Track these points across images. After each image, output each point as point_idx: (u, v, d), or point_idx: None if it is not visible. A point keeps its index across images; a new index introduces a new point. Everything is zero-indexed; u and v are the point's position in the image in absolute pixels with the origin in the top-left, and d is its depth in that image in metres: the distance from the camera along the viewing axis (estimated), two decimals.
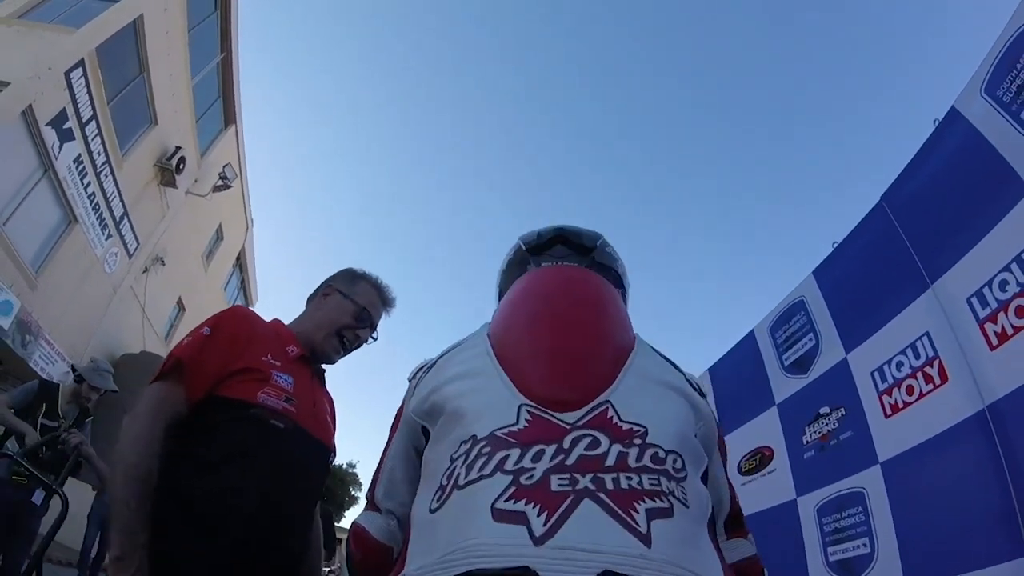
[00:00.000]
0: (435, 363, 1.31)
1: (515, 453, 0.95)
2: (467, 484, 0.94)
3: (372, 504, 1.34)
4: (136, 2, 13.62)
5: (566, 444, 0.96)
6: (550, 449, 0.95)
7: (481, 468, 0.95)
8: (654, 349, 1.30)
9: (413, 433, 1.27)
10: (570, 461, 0.92)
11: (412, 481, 1.24)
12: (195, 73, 17.09)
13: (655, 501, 0.89)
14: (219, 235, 22.01)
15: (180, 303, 20.15)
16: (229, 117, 20.32)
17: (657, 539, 0.84)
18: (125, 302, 15.94)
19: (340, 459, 39.16)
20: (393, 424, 1.37)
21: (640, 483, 0.90)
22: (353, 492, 38.88)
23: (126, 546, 1.50)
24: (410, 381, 1.38)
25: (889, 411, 4.03)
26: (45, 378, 5.31)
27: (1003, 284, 3.42)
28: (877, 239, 4.46)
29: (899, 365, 4.02)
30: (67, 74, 11.87)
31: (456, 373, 1.20)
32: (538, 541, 0.82)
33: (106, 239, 14.43)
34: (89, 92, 12.61)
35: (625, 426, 1.00)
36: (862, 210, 4.66)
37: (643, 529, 0.84)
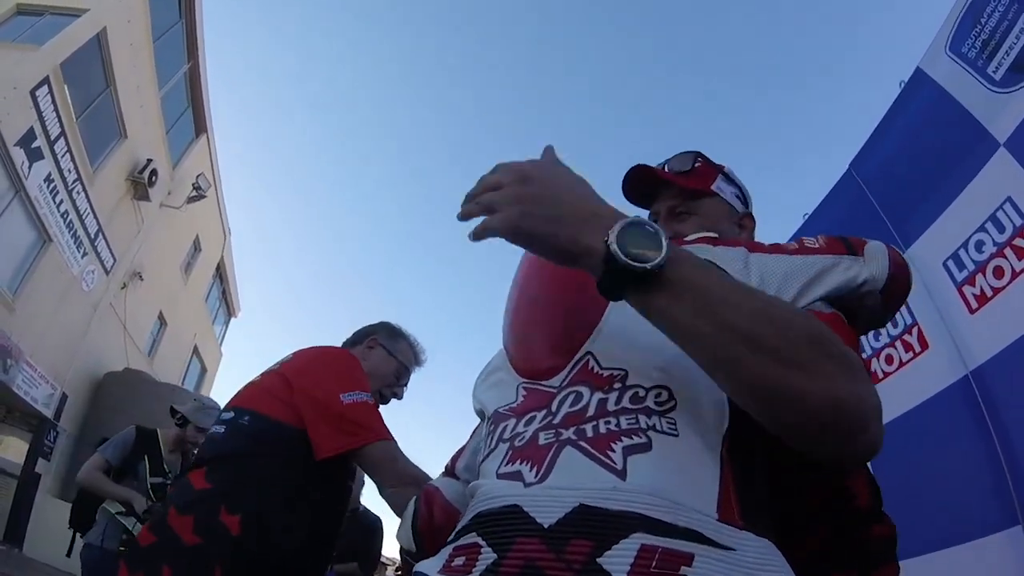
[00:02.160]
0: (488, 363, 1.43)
1: (512, 422, 1.08)
2: (484, 459, 1.10)
3: (450, 472, 1.49)
4: (99, 15, 13.47)
5: (554, 406, 1.03)
6: (540, 414, 1.04)
7: (491, 443, 1.10)
8: None
9: None
10: (556, 420, 1.00)
11: None
12: (163, 84, 16.92)
13: (632, 439, 0.91)
14: (196, 246, 21.81)
15: (161, 317, 19.97)
16: (200, 126, 20.13)
17: (632, 473, 0.87)
18: (105, 320, 15.80)
19: None
20: None
21: (618, 424, 0.94)
22: None
23: None
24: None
25: None
26: (137, 425, 4.74)
27: (979, 245, 3.35)
28: (848, 208, 4.39)
29: (876, 335, 3.96)
30: (32, 92, 11.75)
31: (489, 370, 1.35)
32: (528, 486, 0.92)
33: (82, 257, 14.30)
34: (56, 109, 12.48)
35: (606, 373, 1.03)
36: (833, 179, 4.59)
37: (619, 465, 0.88)
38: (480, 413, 1.33)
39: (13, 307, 12.15)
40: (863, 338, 3.96)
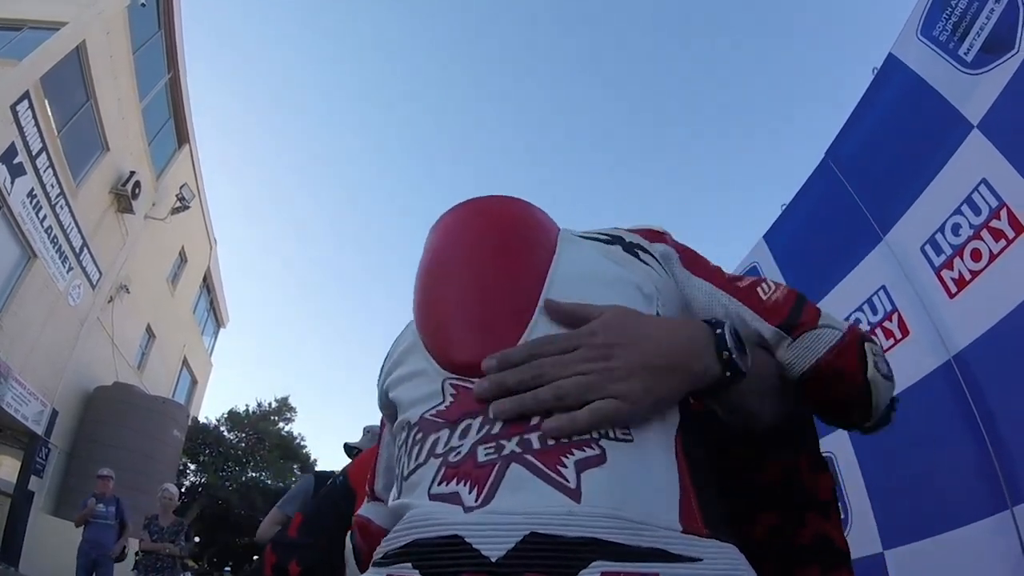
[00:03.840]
0: (393, 344, 1.25)
1: (444, 434, 0.91)
2: (409, 474, 0.93)
3: (374, 497, 1.34)
4: (78, 28, 13.41)
5: (491, 412, 0.89)
6: (476, 422, 0.89)
7: (417, 456, 0.93)
8: (582, 235, 1.19)
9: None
10: (496, 429, 0.87)
11: None
12: (143, 95, 16.86)
13: (584, 451, 0.83)
14: (183, 257, 21.73)
15: (149, 330, 19.89)
16: (182, 136, 20.06)
17: (588, 492, 0.78)
18: (94, 334, 15.74)
19: None
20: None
21: (568, 436, 0.85)
22: None
23: None
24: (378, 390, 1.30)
25: None
26: (315, 471, 4.34)
27: (955, 228, 3.35)
28: (825, 196, 4.39)
29: (856, 323, 3.94)
30: (13, 108, 11.68)
31: (397, 356, 1.15)
32: (468, 511, 0.79)
33: (68, 272, 14.23)
34: (37, 124, 12.42)
35: None
36: (809, 168, 4.58)
37: (572, 484, 0.79)
38: (389, 409, 1.15)
39: (0, 324, 12.08)
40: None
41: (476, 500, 0.80)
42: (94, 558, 8.45)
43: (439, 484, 0.85)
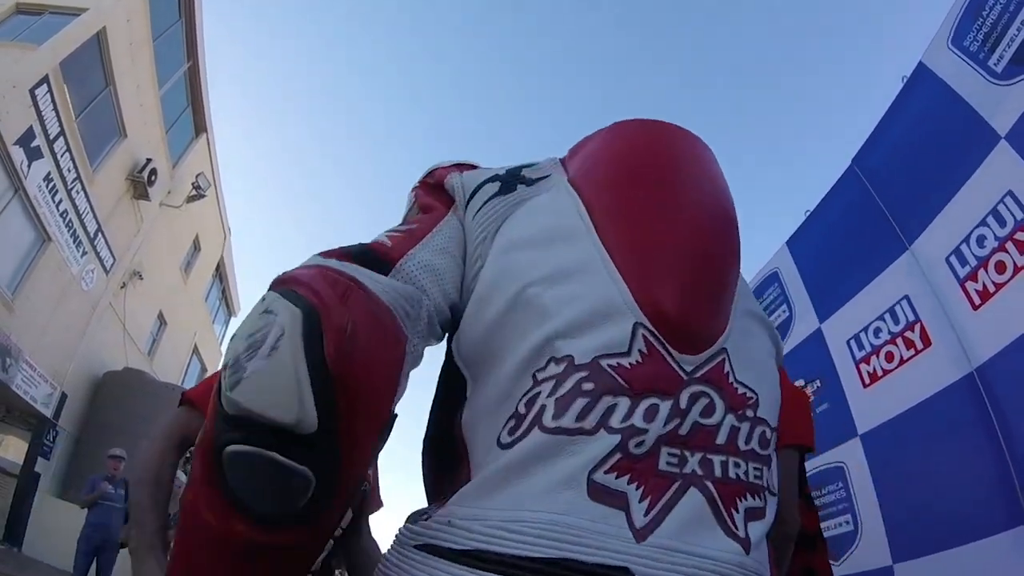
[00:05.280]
0: (515, 186, 0.97)
1: (624, 404, 0.73)
2: (558, 431, 0.71)
3: (384, 259, 0.81)
4: (98, 15, 13.43)
5: (683, 402, 0.75)
6: (665, 406, 0.74)
7: (580, 415, 0.71)
8: None
9: (460, 250, 0.92)
10: (684, 430, 0.74)
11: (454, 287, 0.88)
12: (162, 83, 16.88)
13: (755, 499, 0.76)
14: (196, 246, 21.75)
15: (161, 317, 19.92)
16: (199, 126, 20.08)
17: (753, 543, 0.74)
18: (105, 319, 15.77)
19: None
20: (429, 208, 0.98)
21: (746, 473, 0.76)
22: None
23: None
24: (464, 179, 1.00)
25: (868, 380, 3.94)
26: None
27: (981, 240, 3.33)
28: (850, 204, 4.38)
29: (877, 332, 3.93)
30: (32, 91, 11.70)
31: (541, 230, 0.88)
32: (639, 535, 0.67)
33: (82, 256, 14.26)
34: (55, 108, 12.44)
35: (740, 389, 0.81)
36: (834, 176, 4.56)
37: (742, 533, 0.73)
38: (501, 279, 0.84)
39: (12, 306, 12.11)
40: (862, 334, 3.98)
41: (645, 516, 0.69)
42: (98, 543, 8.30)
43: (608, 471, 0.70)
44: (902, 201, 3.89)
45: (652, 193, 0.91)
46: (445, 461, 0.88)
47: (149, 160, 16.05)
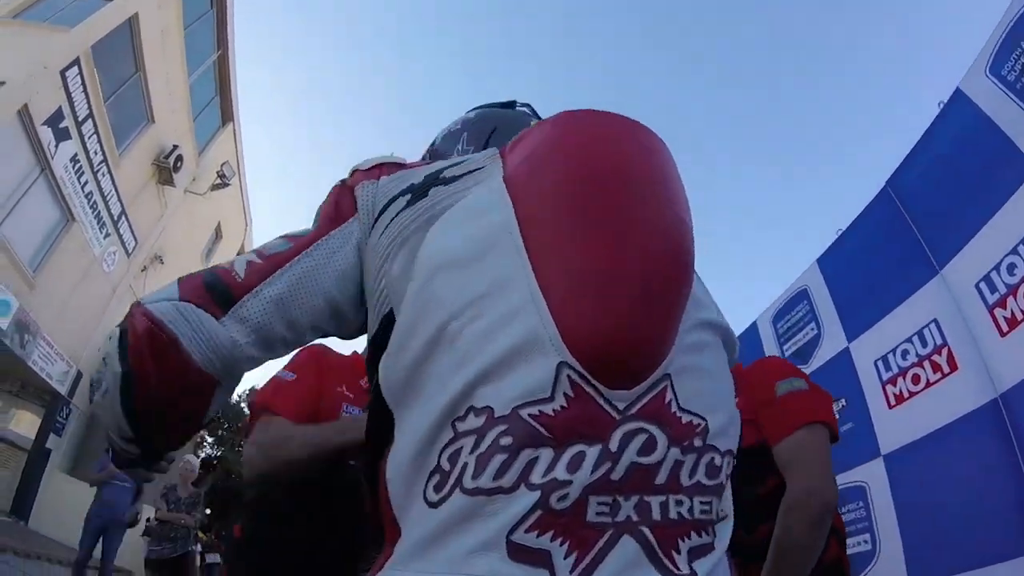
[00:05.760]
0: (427, 191, 0.91)
1: (546, 455, 0.68)
2: (476, 492, 0.67)
3: (217, 302, 0.88)
4: (131, 0, 13.54)
5: (614, 444, 0.69)
6: (592, 452, 0.68)
7: (498, 473, 0.67)
8: None
9: (353, 272, 0.94)
10: (617, 475, 0.68)
11: (312, 326, 0.95)
12: (191, 71, 16.98)
13: (701, 536, 0.72)
14: (218, 234, 21.88)
15: None
16: (227, 115, 20.21)
17: None
18: (124, 301, 15.76)
19: None
20: (327, 216, 0.98)
21: (691, 511, 0.71)
22: None
23: None
24: (376, 187, 0.98)
25: (893, 401, 3.95)
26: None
27: (1011, 267, 3.34)
28: (883, 225, 4.38)
29: (904, 354, 3.94)
30: (63, 73, 11.80)
31: (464, 253, 0.81)
32: None
33: (104, 238, 14.37)
34: (85, 91, 12.53)
35: (685, 418, 0.75)
36: (866, 197, 4.58)
37: (684, 573, 0.68)
38: (420, 304, 0.81)
39: (34, 283, 12.21)
40: (890, 355, 4.00)
41: (571, 573, 0.64)
42: (105, 522, 8.26)
43: (528, 531, 0.65)
44: (934, 225, 3.90)
45: (597, 204, 0.82)
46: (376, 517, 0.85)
47: (175, 146, 16.14)
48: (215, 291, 0.87)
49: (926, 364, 3.76)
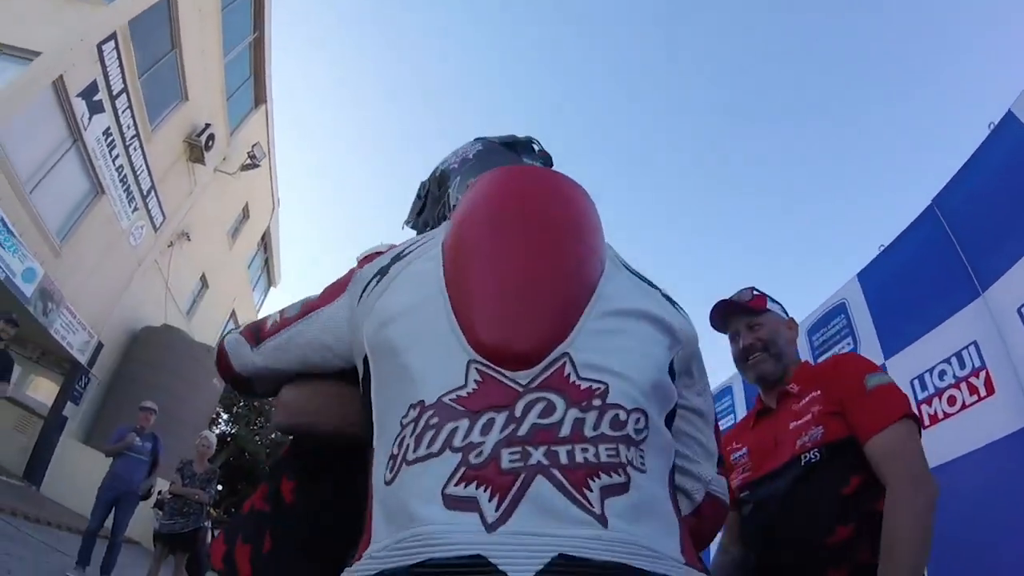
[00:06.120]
0: (389, 269, 1.15)
1: (463, 424, 0.86)
2: (415, 460, 0.86)
3: (260, 337, 1.33)
4: None
5: (518, 411, 0.87)
6: (500, 417, 0.86)
7: (430, 444, 0.86)
8: (625, 265, 1.20)
9: (342, 335, 1.22)
10: (522, 432, 0.85)
11: (300, 362, 1.29)
12: (227, 51, 17.13)
13: (611, 476, 0.84)
14: (245, 214, 22.08)
15: (203, 279, 20.25)
16: (260, 96, 20.37)
17: (612, 518, 0.80)
18: (149, 275, 16.03)
19: None
20: (331, 293, 1.27)
21: (596, 455, 0.84)
22: None
23: None
24: (362, 273, 1.23)
25: (928, 422, 3.89)
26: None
27: None
28: (926, 243, 4.32)
29: (942, 374, 3.88)
30: (99, 46, 11.93)
31: (406, 305, 1.06)
32: (491, 527, 0.77)
33: (132, 212, 14.51)
34: (121, 65, 12.67)
35: (584, 384, 0.91)
36: (910, 215, 4.52)
37: (597, 509, 0.80)
38: (381, 349, 1.05)
39: (60, 252, 12.35)
40: (927, 375, 3.95)
41: (497, 511, 0.78)
42: (118, 494, 8.22)
43: (456, 484, 0.81)
44: (979, 246, 3.84)
45: (493, 238, 1.11)
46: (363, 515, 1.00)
47: (208, 125, 16.29)
48: (254, 333, 1.33)
49: (963, 386, 3.70)
